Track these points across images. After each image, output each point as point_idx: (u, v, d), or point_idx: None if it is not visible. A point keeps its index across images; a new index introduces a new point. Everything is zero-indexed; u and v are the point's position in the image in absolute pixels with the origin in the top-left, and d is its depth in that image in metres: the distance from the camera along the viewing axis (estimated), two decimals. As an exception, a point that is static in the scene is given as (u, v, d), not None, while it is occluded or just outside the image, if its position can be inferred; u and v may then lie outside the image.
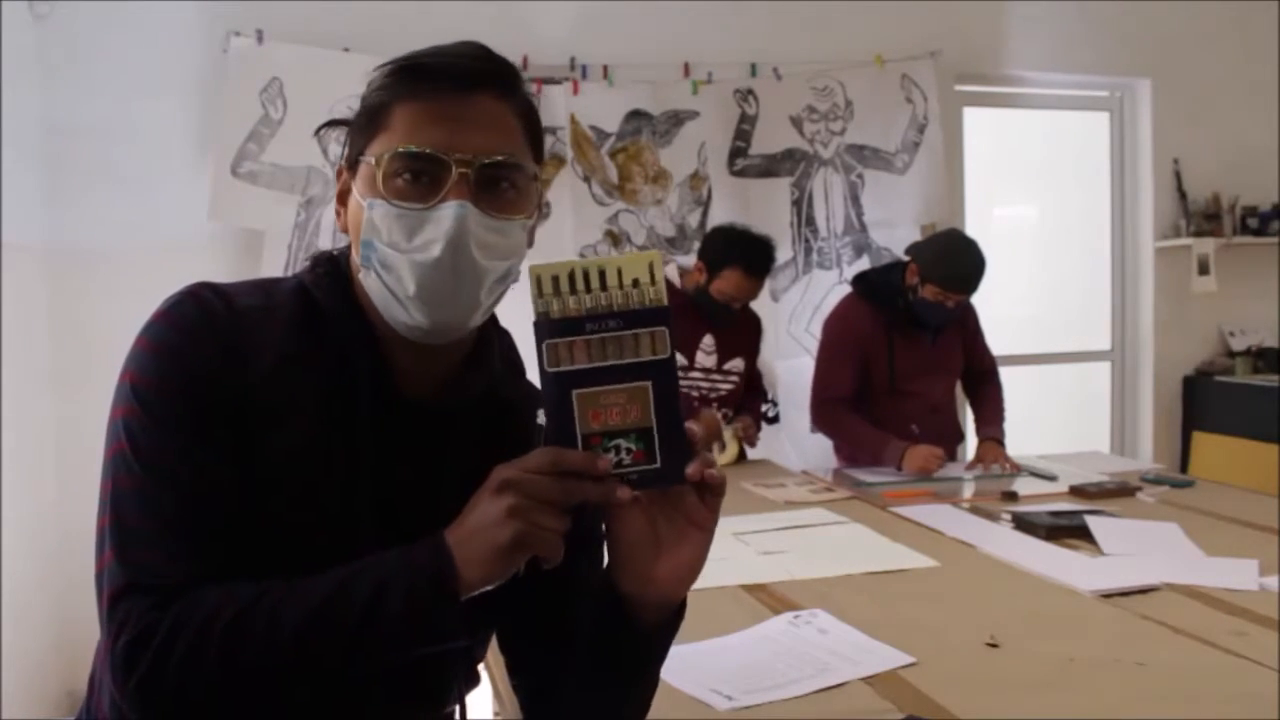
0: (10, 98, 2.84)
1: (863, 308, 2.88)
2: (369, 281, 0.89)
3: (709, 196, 3.62)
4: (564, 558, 0.79)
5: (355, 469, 0.89)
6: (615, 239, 3.53)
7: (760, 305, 3.15)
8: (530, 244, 0.95)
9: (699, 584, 0.84)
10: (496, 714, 1.37)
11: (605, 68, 3.54)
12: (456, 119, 0.86)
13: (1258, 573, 1.68)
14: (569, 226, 3.48)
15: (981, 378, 3.04)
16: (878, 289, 2.88)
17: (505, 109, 0.89)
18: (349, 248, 0.95)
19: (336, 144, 0.96)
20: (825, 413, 2.89)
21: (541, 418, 0.81)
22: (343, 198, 0.93)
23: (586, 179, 3.51)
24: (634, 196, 3.55)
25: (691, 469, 0.79)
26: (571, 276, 0.79)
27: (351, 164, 0.91)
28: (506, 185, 0.88)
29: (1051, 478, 2.59)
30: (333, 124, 0.98)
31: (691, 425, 0.81)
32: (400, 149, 0.85)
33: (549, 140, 3.47)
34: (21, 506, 2.79)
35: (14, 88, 2.87)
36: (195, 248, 3.15)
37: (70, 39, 3.13)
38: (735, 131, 3.65)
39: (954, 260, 2.71)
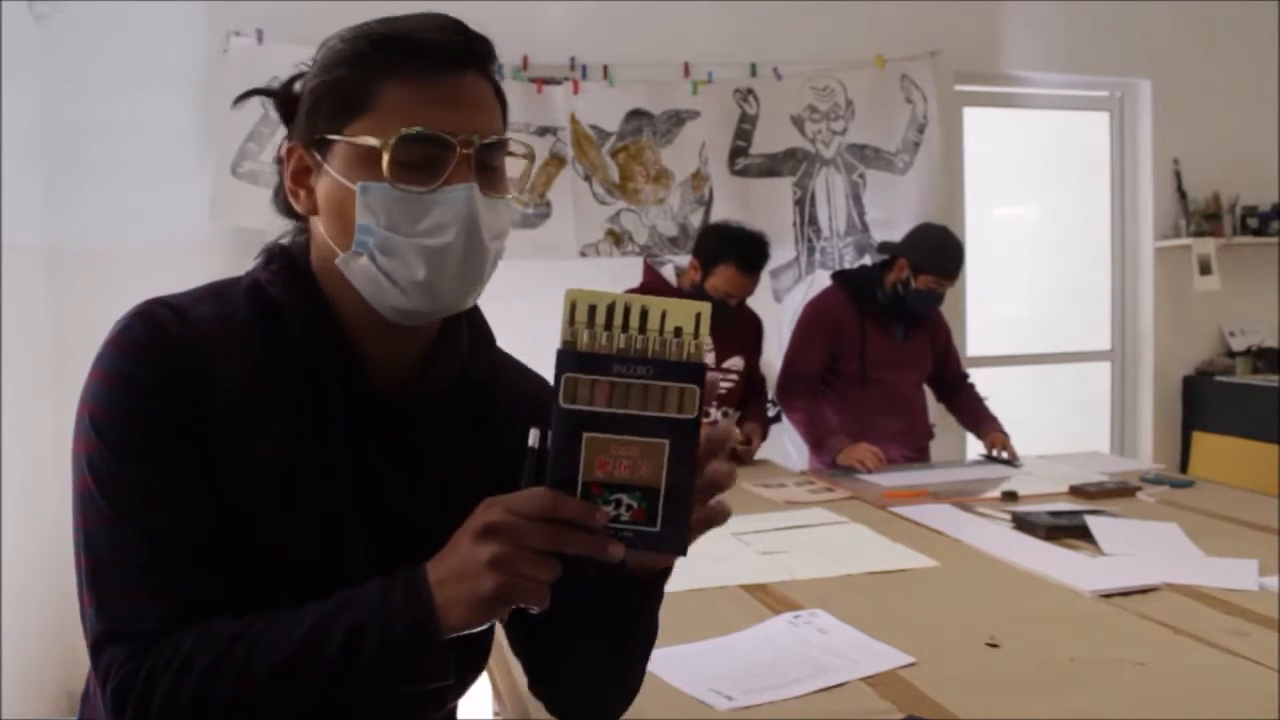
0: (10, 98, 2.84)
1: (841, 298, 3.04)
2: (356, 267, 0.86)
3: (711, 196, 3.61)
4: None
5: (333, 470, 0.87)
6: (617, 238, 3.53)
7: (764, 306, 3.15)
8: None
9: (699, 584, 0.84)
10: (497, 714, 1.37)
11: (605, 68, 3.54)
12: (453, 100, 0.84)
13: (1258, 573, 1.68)
14: (570, 226, 3.47)
15: (958, 384, 3.17)
16: (855, 282, 3.06)
17: (486, 86, 0.88)
18: (304, 238, 0.92)
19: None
20: (789, 388, 3.00)
21: (533, 438, 0.76)
22: (299, 178, 0.89)
23: (588, 178, 3.50)
24: (635, 196, 3.55)
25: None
26: (610, 310, 0.73)
27: (314, 142, 0.87)
28: (497, 164, 0.88)
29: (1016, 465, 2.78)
30: (255, 93, 0.94)
31: (718, 466, 0.77)
32: (409, 132, 0.82)
33: (549, 140, 3.47)
34: (21, 506, 2.79)
35: (14, 88, 2.87)
36: (195, 248, 3.14)
37: (70, 39, 3.13)
38: (736, 131, 3.65)
39: (943, 250, 2.91)
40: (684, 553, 0.75)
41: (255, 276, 0.91)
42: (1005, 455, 2.87)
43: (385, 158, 0.82)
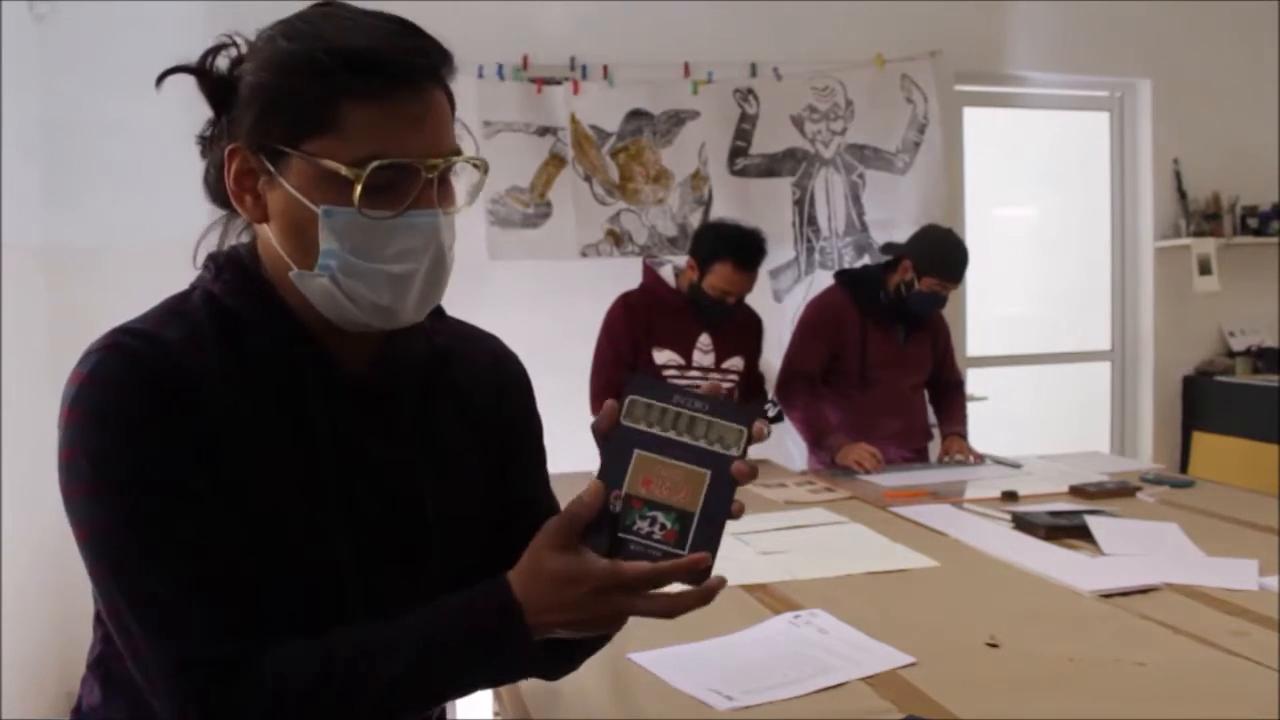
0: (10, 98, 2.84)
1: (843, 298, 3.04)
2: (314, 284, 0.84)
3: (710, 196, 3.61)
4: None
5: (322, 459, 0.87)
6: (617, 238, 3.53)
7: (764, 306, 3.14)
8: None
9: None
10: (497, 714, 1.37)
11: (605, 68, 3.54)
12: (419, 122, 0.82)
13: (1258, 573, 1.68)
14: (571, 226, 3.48)
15: (948, 388, 3.18)
16: (858, 282, 3.05)
17: (444, 98, 0.86)
18: (252, 241, 0.91)
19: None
20: (789, 387, 3.00)
21: (615, 503, 0.81)
22: (244, 180, 0.86)
23: (588, 178, 3.50)
24: (635, 196, 3.55)
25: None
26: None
27: (262, 148, 0.84)
28: (450, 178, 0.87)
29: (1016, 466, 2.79)
30: (179, 70, 0.91)
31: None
32: (383, 164, 0.80)
33: (550, 140, 3.47)
34: (21, 507, 2.79)
35: (14, 88, 2.87)
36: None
37: (70, 39, 3.13)
38: (735, 131, 3.65)
39: (949, 253, 2.91)
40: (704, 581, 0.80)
41: (207, 288, 0.89)
42: (960, 459, 2.92)
43: (357, 190, 0.80)
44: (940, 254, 2.89)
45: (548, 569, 0.79)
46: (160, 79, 0.92)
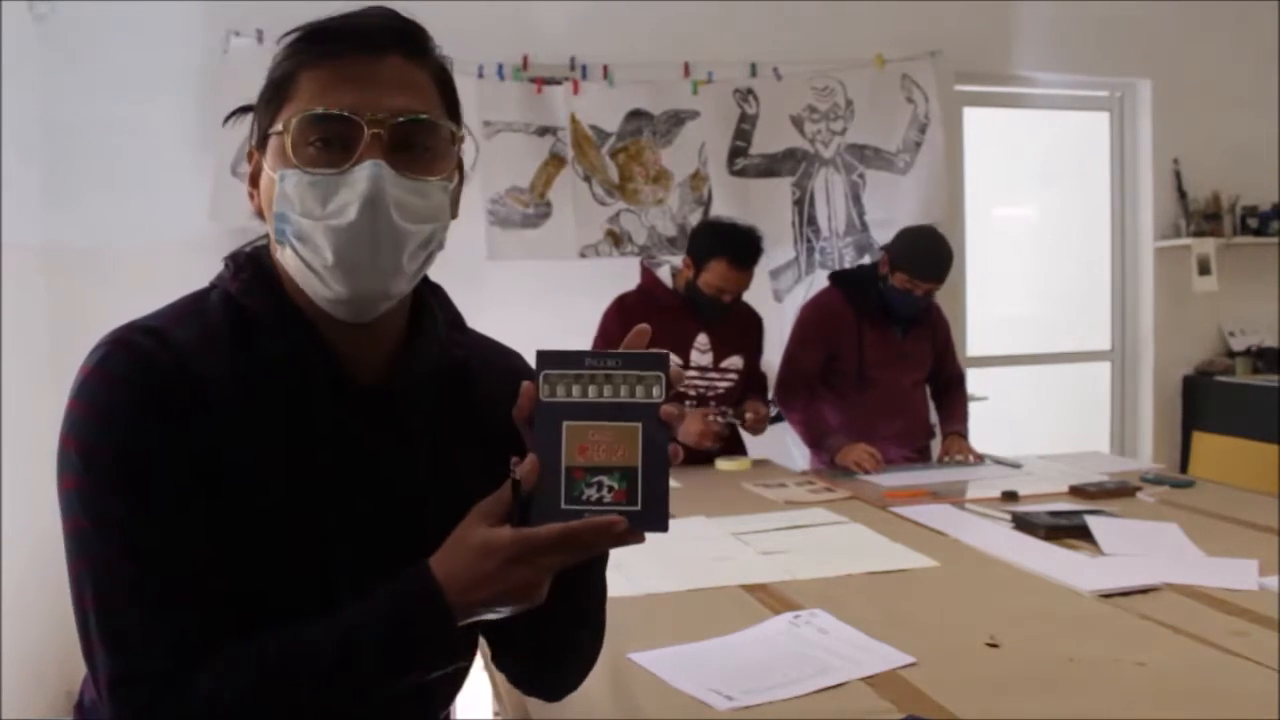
0: (10, 98, 2.84)
1: (838, 297, 3.04)
2: (286, 257, 0.86)
3: (710, 196, 3.61)
4: None
5: (328, 475, 0.87)
6: (616, 239, 3.53)
7: (764, 306, 3.13)
8: (454, 214, 0.92)
9: (699, 584, 0.84)
10: (496, 714, 1.37)
11: (605, 68, 3.54)
12: (365, 80, 0.83)
13: (1258, 573, 1.68)
14: (570, 226, 3.47)
15: (949, 385, 3.17)
16: (853, 282, 3.05)
17: (416, 70, 0.86)
18: (267, 239, 0.92)
19: None
20: (788, 389, 3.01)
21: (516, 470, 0.81)
22: (255, 179, 0.89)
23: (587, 178, 3.50)
24: (635, 196, 3.55)
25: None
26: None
27: (261, 143, 0.87)
28: (422, 145, 0.85)
29: (1016, 466, 2.79)
30: (245, 110, 0.93)
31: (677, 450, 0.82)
32: (308, 112, 0.82)
33: (549, 140, 3.47)
34: (21, 506, 2.79)
35: (14, 88, 2.87)
36: (195, 248, 3.12)
37: (70, 39, 3.13)
38: (735, 131, 3.65)
39: (921, 249, 2.88)
40: (665, 529, 0.80)
41: (225, 288, 0.90)
42: (960, 459, 2.90)
43: (287, 141, 0.82)
44: (910, 250, 2.87)
45: (465, 543, 0.80)
46: (226, 119, 0.96)
